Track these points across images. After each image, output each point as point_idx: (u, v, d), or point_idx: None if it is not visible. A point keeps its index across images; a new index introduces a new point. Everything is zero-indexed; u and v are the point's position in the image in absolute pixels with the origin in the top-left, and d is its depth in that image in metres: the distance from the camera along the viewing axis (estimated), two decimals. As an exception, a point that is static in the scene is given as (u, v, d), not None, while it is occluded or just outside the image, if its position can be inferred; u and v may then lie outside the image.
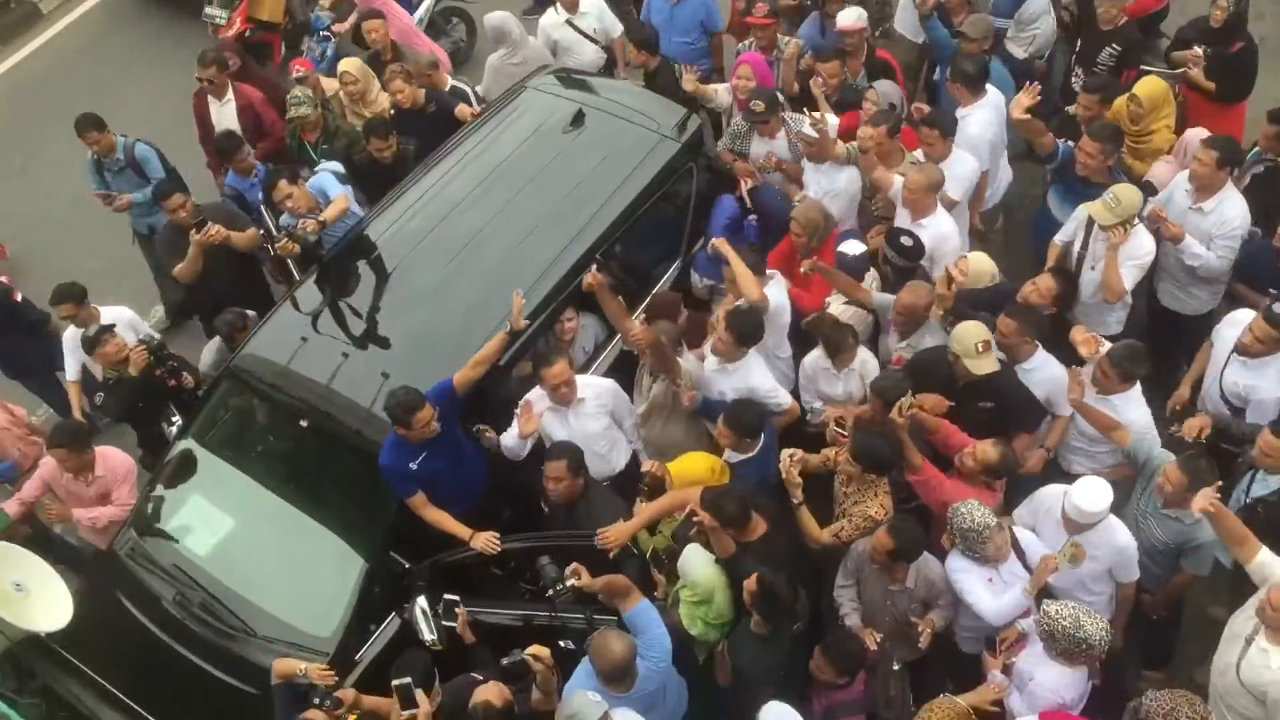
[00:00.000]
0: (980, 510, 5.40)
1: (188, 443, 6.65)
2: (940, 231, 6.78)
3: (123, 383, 6.97)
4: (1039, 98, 7.00)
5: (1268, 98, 7.54)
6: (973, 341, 5.94)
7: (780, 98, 7.54)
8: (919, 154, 7.13)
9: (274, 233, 7.37)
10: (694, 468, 5.99)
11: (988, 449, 5.72)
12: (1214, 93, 7.69)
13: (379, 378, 6.17)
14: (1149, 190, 6.96)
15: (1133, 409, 5.98)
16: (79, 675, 3.40)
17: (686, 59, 8.36)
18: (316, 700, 5.23)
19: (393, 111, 8.12)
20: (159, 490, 6.59)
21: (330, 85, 8.52)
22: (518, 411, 6.18)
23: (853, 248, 6.90)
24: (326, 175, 7.66)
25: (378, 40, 8.55)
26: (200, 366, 7.24)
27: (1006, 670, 5.35)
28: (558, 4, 8.64)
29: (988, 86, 7.34)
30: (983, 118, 7.30)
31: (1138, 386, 6.02)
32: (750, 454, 6.05)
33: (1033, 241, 7.63)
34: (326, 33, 9.35)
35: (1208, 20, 7.80)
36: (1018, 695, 5.25)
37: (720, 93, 7.90)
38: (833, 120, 7.30)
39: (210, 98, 8.46)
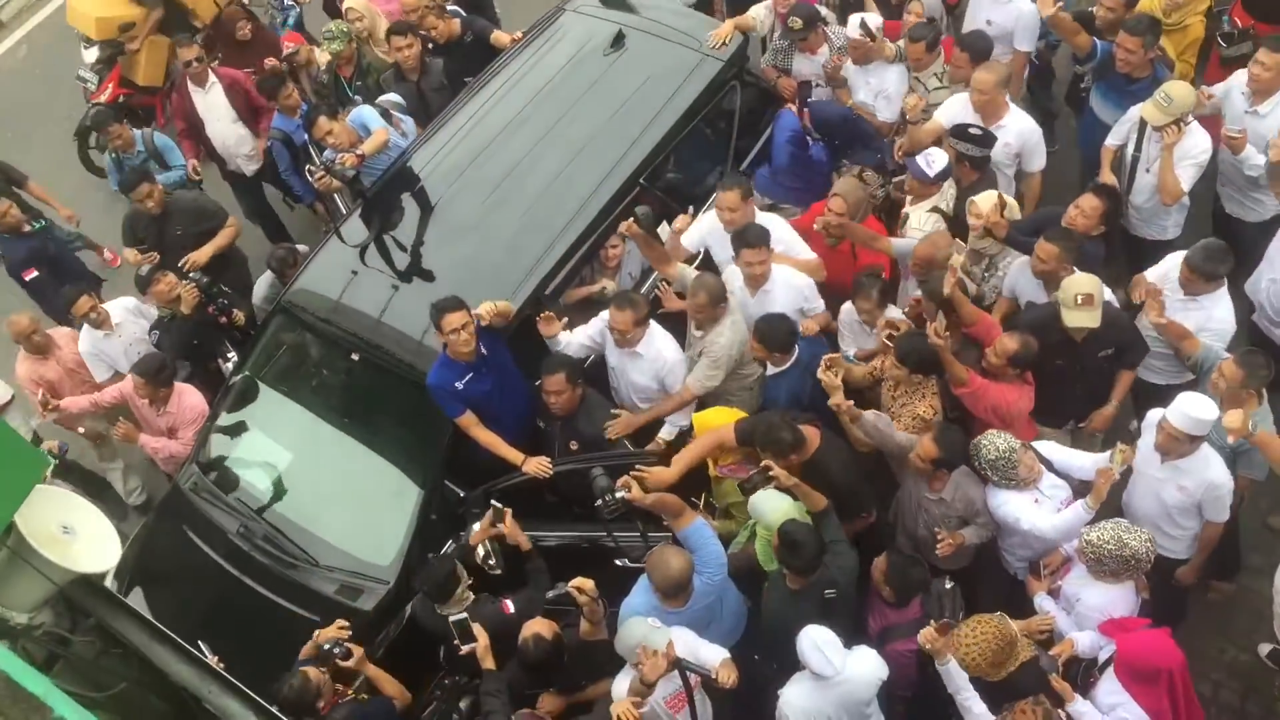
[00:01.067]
0: (1000, 437, 5.39)
1: (244, 378, 6.74)
2: (1021, 129, 6.66)
3: (176, 320, 7.07)
4: None
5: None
6: (1072, 293, 5.65)
7: (821, 11, 7.36)
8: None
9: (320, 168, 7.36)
10: (718, 420, 5.86)
11: (1006, 340, 5.67)
12: None
13: (428, 309, 6.19)
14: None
15: (1220, 307, 5.86)
16: (133, 613, 3.53)
17: None
18: (327, 647, 5.34)
19: (430, 47, 7.98)
20: (218, 425, 6.71)
21: (322, 58, 8.41)
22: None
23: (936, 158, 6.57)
24: (367, 109, 7.61)
25: None
26: (253, 300, 7.31)
27: (1054, 593, 5.34)
28: None
29: None
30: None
31: (1224, 284, 5.88)
32: (783, 367, 5.97)
33: (1083, 147, 7.41)
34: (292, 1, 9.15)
35: None
36: (1065, 617, 5.24)
37: (761, 14, 7.61)
38: (875, 20, 7.09)
39: (192, 87, 8.23)
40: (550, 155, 6.69)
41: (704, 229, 6.60)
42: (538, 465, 5.96)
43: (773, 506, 5.33)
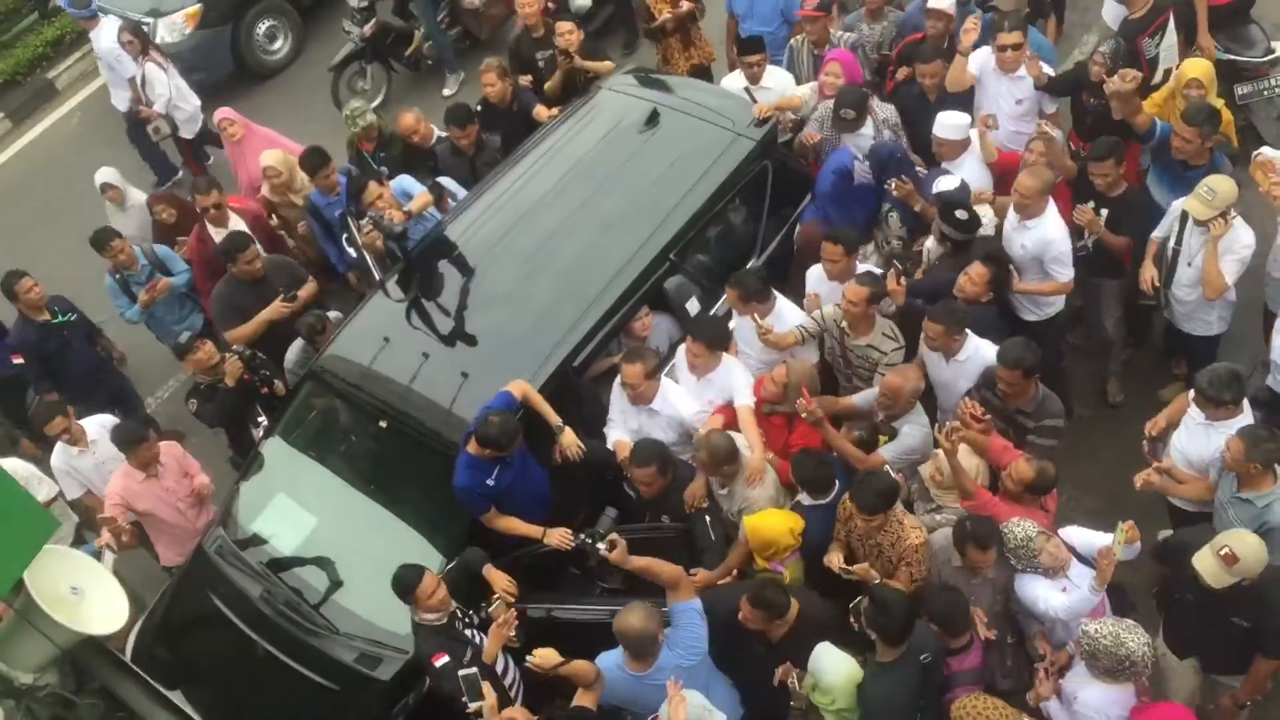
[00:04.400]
0: (1021, 525, 5.31)
1: (273, 442, 6.81)
2: (1045, 236, 6.46)
3: (218, 390, 7.14)
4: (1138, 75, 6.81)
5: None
6: (1218, 544, 5.03)
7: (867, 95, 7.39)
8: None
9: (357, 237, 7.49)
10: (772, 523, 5.69)
11: (1022, 466, 5.55)
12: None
13: (458, 377, 6.26)
14: None
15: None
16: (137, 677, 3.52)
17: (770, 49, 8.25)
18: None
19: (479, 106, 8.22)
20: (245, 489, 6.76)
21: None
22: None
23: (949, 182, 6.71)
24: (407, 178, 7.80)
25: None
26: (285, 366, 7.40)
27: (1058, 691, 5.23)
28: (743, 69, 7.84)
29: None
30: None
31: (1243, 410, 5.73)
32: (824, 500, 5.82)
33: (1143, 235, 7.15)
34: None
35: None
36: (1062, 712, 5.14)
37: (806, 94, 7.57)
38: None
39: (211, 228, 7.98)
40: (583, 228, 6.77)
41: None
42: (560, 537, 5.94)
43: (832, 667, 5.07)
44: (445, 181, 7.94)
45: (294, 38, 11.40)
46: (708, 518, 5.94)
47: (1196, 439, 5.83)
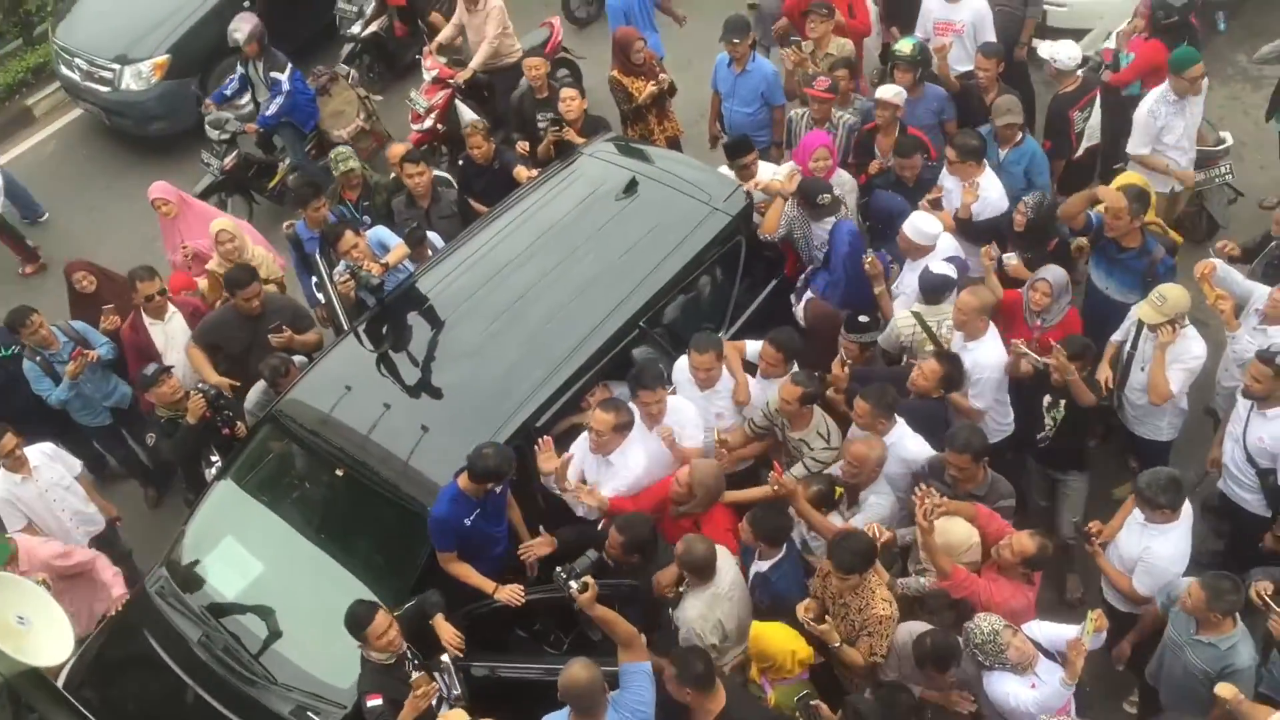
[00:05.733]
0: (987, 620, 5.29)
1: (225, 484, 6.71)
2: (979, 360, 6.51)
3: (178, 426, 7.06)
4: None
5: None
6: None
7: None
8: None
9: (327, 280, 7.48)
10: (778, 638, 5.45)
11: (1024, 539, 5.57)
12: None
13: (418, 430, 6.22)
14: None
15: (1168, 542, 5.73)
16: (79, 713, 3.40)
17: (746, 129, 8.48)
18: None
19: (461, 162, 8.41)
20: (192, 530, 6.65)
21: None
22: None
23: (943, 267, 6.83)
24: (383, 229, 7.84)
25: None
26: (245, 407, 7.33)
27: None
28: (735, 171, 7.76)
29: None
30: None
31: (1185, 513, 5.74)
32: (775, 559, 5.82)
33: (1089, 325, 7.32)
34: None
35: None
36: None
37: (783, 180, 7.49)
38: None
39: (148, 320, 7.58)
40: (554, 290, 6.80)
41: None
42: (510, 593, 5.89)
43: None
44: (430, 236, 7.98)
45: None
46: (671, 609, 5.82)
47: (1130, 535, 5.88)
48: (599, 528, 6.10)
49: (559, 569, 5.34)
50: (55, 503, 6.89)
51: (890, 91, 7.86)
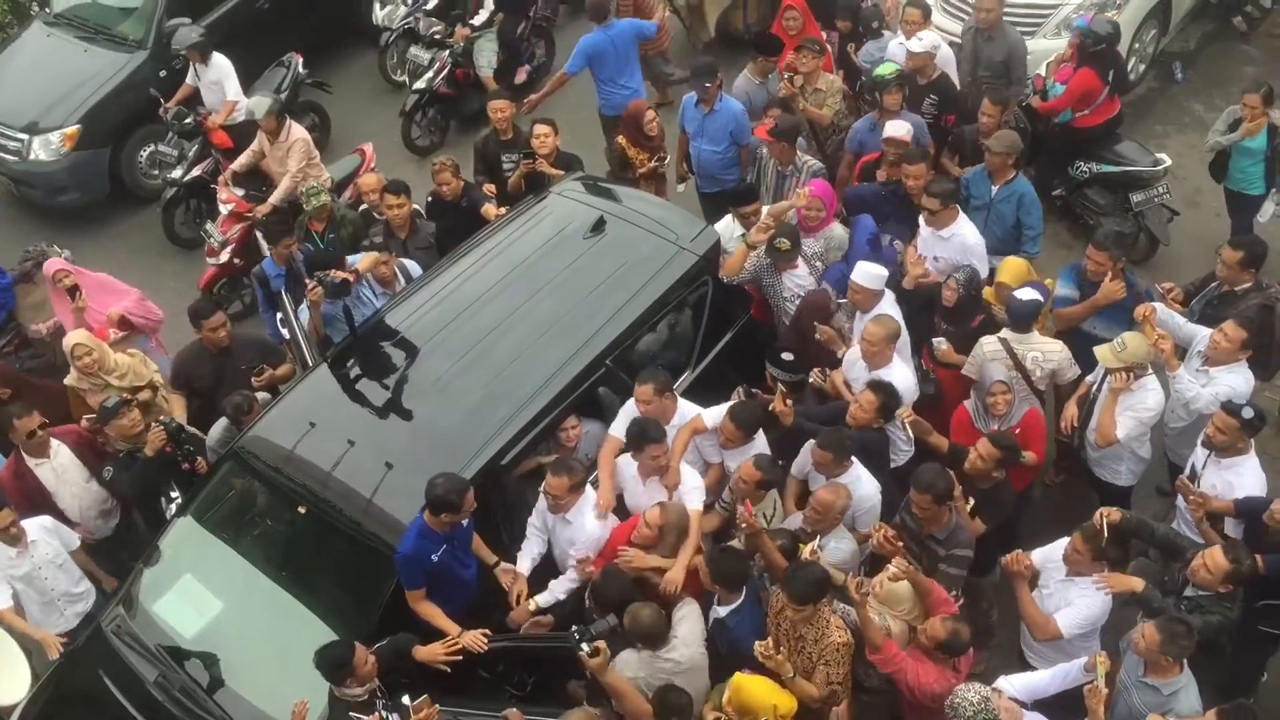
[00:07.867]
0: (972, 690, 5.18)
1: (184, 521, 6.63)
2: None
3: (136, 459, 6.96)
4: None
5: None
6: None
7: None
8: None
9: (291, 317, 7.44)
10: (759, 692, 5.40)
11: (935, 624, 5.46)
12: None
13: (382, 468, 6.18)
14: None
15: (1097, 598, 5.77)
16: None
17: (714, 168, 8.55)
18: None
19: (430, 199, 8.47)
20: (150, 567, 6.55)
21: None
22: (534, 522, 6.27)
23: (1027, 294, 6.88)
24: (353, 257, 7.81)
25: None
26: (208, 444, 7.25)
27: None
28: (738, 220, 7.82)
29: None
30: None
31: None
32: (733, 605, 5.81)
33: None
34: None
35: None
36: None
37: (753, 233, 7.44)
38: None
39: (29, 459, 6.96)
40: (521, 328, 6.78)
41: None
42: (473, 639, 5.84)
43: None
44: (408, 263, 7.97)
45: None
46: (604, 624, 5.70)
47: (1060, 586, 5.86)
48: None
49: (575, 628, 5.33)
50: (46, 581, 6.64)
51: (902, 129, 7.89)
